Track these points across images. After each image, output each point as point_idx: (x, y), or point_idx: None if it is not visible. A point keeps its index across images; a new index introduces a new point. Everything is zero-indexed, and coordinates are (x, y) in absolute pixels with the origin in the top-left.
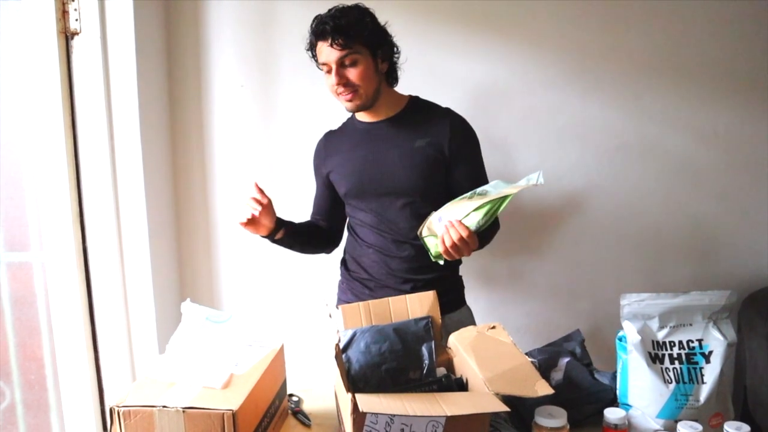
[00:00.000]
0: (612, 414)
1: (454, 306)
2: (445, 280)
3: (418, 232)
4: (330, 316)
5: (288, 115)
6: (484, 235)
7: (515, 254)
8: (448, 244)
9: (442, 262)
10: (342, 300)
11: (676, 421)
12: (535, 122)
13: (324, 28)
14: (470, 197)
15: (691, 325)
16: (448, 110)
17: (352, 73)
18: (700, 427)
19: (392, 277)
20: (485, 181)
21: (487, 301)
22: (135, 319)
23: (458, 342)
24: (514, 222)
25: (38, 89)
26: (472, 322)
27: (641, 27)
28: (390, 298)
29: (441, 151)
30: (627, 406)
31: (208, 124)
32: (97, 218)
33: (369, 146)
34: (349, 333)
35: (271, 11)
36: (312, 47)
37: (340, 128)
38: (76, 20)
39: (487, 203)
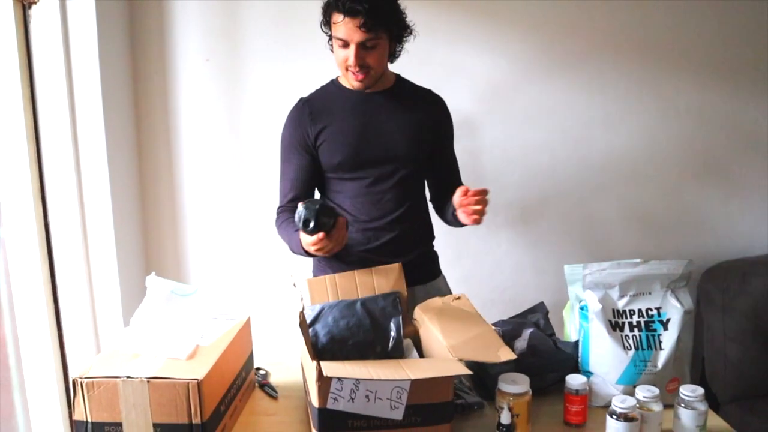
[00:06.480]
0: (573, 380)
1: (433, 275)
2: (426, 254)
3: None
4: (294, 285)
5: (254, 89)
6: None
7: (482, 231)
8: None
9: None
10: None
11: (635, 387)
12: (500, 100)
13: (356, 8)
14: None
15: (650, 293)
16: (433, 92)
17: (370, 56)
18: (656, 390)
19: (378, 254)
20: (456, 163)
21: (456, 278)
22: (99, 294)
23: (423, 313)
24: None
25: None
26: (449, 290)
27: (604, 4)
28: (356, 272)
29: (434, 130)
30: (588, 373)
31: (173, 98)
32: (59, 192)
33: (366, 115)
34: (317, 308)
35: None
36: (328, 14)
37: (319, 95)
38: None
39: None
